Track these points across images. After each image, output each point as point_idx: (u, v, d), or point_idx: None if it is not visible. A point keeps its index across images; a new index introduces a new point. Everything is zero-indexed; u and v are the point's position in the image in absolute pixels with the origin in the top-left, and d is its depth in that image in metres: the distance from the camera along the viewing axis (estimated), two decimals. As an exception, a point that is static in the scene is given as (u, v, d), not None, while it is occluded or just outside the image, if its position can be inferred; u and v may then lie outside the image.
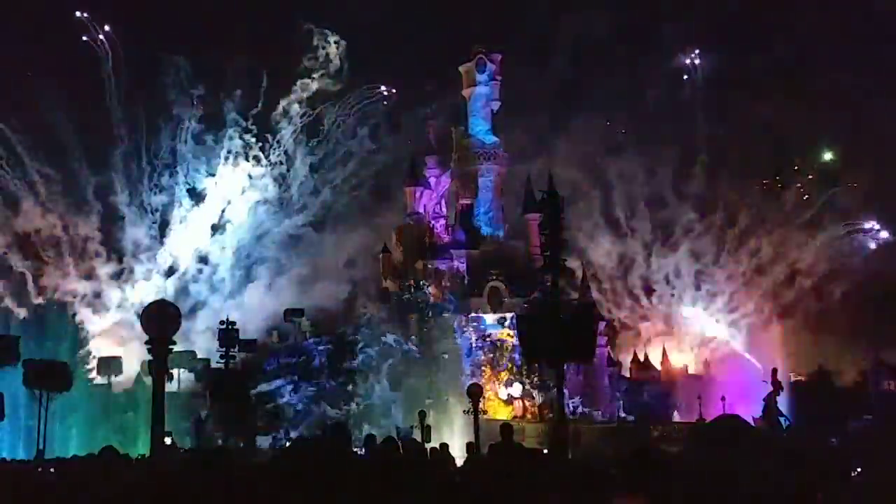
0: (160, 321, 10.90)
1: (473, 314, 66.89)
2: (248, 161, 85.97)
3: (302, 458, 9.05)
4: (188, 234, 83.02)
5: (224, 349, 33.70)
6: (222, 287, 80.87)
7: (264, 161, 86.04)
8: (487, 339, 66.06)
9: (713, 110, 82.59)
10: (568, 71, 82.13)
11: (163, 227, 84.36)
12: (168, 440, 22.12)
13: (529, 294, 65.85)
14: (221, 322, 33.97)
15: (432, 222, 75.92)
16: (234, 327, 36.46)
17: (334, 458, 8.24)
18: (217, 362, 37.90)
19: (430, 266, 70.67)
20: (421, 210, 75.81)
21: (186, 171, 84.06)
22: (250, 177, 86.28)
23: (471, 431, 27.64)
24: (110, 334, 71.36)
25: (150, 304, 11.62)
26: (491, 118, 76.01)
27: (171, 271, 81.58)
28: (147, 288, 78.28)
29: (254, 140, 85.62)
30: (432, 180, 77.55)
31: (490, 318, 66.73)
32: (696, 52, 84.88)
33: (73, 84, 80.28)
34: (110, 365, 63.75)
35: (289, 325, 70.79)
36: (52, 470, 17.46)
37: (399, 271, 72.44)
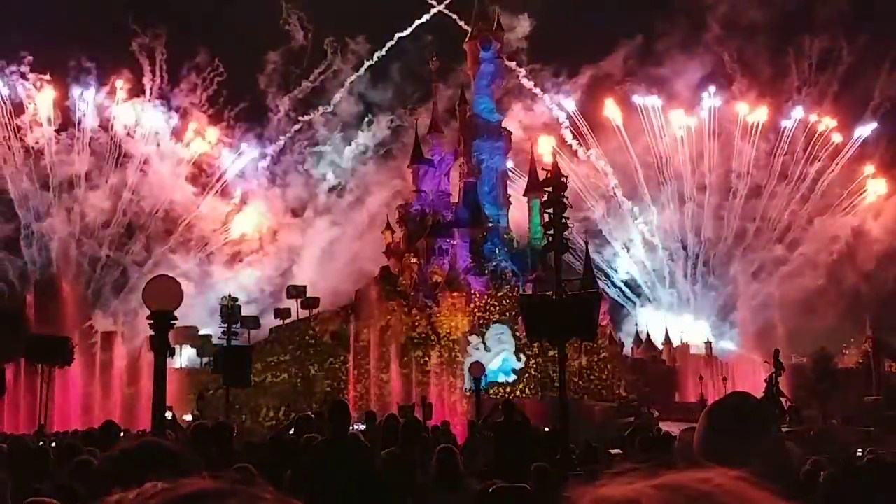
0: (162, 296, 10.86)
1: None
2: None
3: (301, 435, 9.04)
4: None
5: (226, 325, 33.68)
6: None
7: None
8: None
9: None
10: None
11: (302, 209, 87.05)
12: (169, 415, 22.15)
13: (532, 273, 65.85)
14: (223, 298, 33.96)
15: (436, 201, 75.76)
16: (236, 303, 36.60)
17: (334, 435, 8.21)
18: (219, 338, 37.96)
19: (432, 245, 70.64)
20: (425, 189, 75.64)
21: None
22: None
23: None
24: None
25: (152, 278, 11.58)
26: (494, 96, 75.86)
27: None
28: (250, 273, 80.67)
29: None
30: (436, 158, 77.32)
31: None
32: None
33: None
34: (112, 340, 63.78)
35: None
36: (53, 444, 17.47)
37: (401, 249, 72.43)
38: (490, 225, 70.45)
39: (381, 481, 8.12)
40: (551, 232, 20.79)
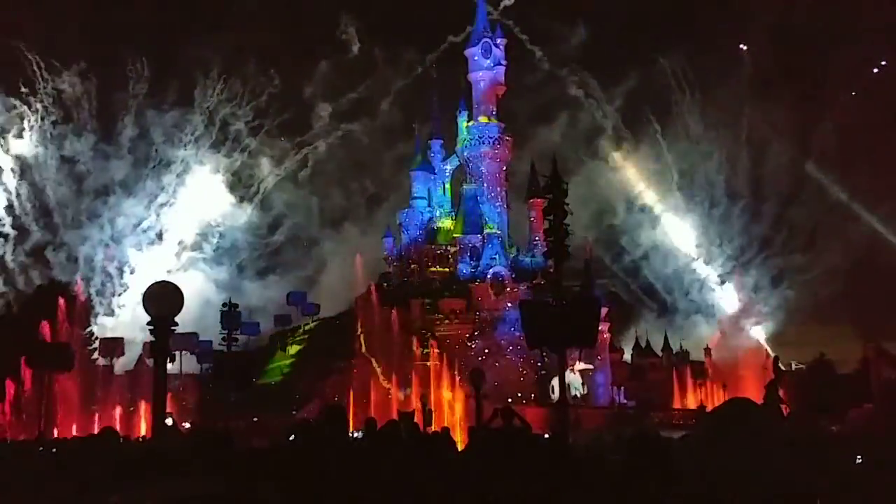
0: (162, 302, 10.84)
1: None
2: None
3: (301, 441, 9.04)
4: None
5: (227, 331, 33.52)
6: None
7: None
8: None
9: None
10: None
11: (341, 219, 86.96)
12: (169, 421, 22.13)
13: (532, 279, 65.85)
14: (224, 304, 33.83)
15: (436, 206, 75.82)
16: (237, 309, 36.47)
17: (331, 441, 8.22)
18: (220, 344, 37.81)
19: (432, 251, 70.64)
20: (425, 195, 75.71)
21: None
22: None
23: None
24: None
25: (152, 284, 11.55)
26: (496, 102, 75.79)
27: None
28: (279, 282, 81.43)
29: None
30: (436, 165, 77.38)
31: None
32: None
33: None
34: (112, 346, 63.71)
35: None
36: (53, 450, 17.48)
37: (401, 255, 72.50)
38: (489, 231, 70.50)
39: (381, 486, 8.13)
40: (552, 238, 20.77)
